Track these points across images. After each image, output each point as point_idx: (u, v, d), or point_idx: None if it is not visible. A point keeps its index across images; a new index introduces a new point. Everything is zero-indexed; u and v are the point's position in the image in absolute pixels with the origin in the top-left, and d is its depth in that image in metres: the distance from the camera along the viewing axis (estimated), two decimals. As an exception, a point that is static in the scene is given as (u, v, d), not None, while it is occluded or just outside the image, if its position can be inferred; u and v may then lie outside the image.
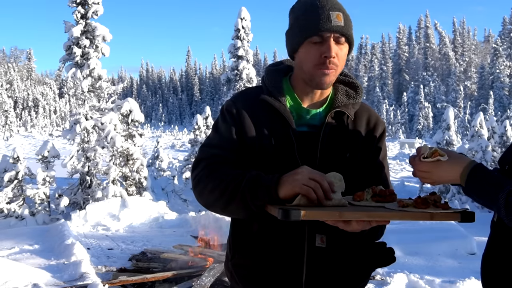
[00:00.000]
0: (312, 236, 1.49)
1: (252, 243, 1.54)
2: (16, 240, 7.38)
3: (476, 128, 14.86)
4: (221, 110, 1.63)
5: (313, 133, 1.54)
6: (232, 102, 1.61)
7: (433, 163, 1.39)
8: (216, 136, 1.57)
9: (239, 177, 1.40)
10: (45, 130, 67.47)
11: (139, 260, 6.03)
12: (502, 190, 1.21)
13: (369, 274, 1.68)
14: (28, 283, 4.93)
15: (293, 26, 1.53)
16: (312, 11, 1.47)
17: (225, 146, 1.53)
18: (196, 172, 1.52)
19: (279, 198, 1.33)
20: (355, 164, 1.56)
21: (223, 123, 1.58)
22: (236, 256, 1.59)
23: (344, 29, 1.47)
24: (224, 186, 1.40)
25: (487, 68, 67.18)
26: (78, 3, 11.70)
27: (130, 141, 11.86)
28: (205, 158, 1.52)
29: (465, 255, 6.43)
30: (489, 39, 79.01)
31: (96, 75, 11.77)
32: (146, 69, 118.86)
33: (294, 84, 1.60)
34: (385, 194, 1.39)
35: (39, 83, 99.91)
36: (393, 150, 41.98)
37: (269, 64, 1.73)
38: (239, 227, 1.59)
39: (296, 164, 1.46)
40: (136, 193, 11.57)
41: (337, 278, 1.55)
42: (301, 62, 1.52)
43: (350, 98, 1.62)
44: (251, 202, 1.36)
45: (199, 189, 1.49)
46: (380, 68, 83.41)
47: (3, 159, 10.94)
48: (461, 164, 1.36)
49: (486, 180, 1.28)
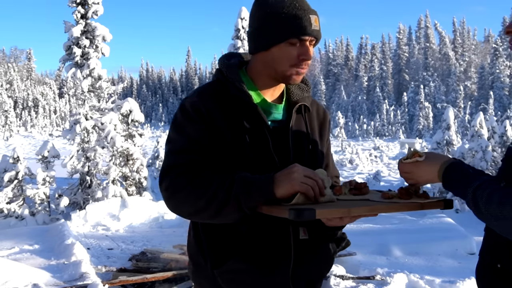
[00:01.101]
0: (296, 229, 1.52)
1: (242, 246, 1.48)
2: (16, 240, 7.38)
3: (476, 128, 14.86)
4: (184, 109, 1.50)
5: (282, 128, 1.56)
6: (198, 100, 1.50)
7: (413, 164, 1.45)
8: (183, 139, 1.45)
9: (226, 181, 1.35)
10: (45, 130, 67.49)
11: (139, 260, 6.03)
12: (470, 185, 1.27)
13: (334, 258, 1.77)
14: (28, 283, 4.93)
15: (268, 25, 1.49)
16: (295, 14, 1.47)
17: (197, 149, 1.44)
18: (168, 182, 1.41)
19: (275, 198, 1.33)
20: (316, 156, 1.63)
21: (190, 123, 1.47)
22: (222, 263, 1.49)
23: (319, 33, 1.52)
24: (212, 193, 1.35)
25: (487, 68, 67.19)
26: (78, 3, 11.71)
27: (130, 141, 11.87)
28: (177, 165, 1.41)
29: (465, 255, 6.43)
30: (489, 39, 78.98)
31: (96, 75, 11.78)
32: (146, 69, 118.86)
33: (254, 78, 1.58)
34: (361, 186, 1.48)
35: (39, 83, 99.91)
36: (393, 150, 41.96)
37: (222, 57, 1.64)
38: (220, 232, 1.49)
39: (273, 160, 1.48)
40: (136, 193, 11.58)
41: (318, 265, 1.61)
42: (273, 60, 1.51)
43: (304, 91, 1.65)
44: (245, 204, 1.33)
45: (177, 200, 1.40)
46: (380, 68, 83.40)
47: (3, 159, 10.94)
48: (437, 163, 1.41)
49: (459, 176, 1.34)
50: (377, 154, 33.70)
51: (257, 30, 1.52)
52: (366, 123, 68.40)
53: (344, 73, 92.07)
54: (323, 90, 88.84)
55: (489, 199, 1.21)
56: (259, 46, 1.53)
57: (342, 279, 5.24)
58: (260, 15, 1.52)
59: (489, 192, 1.22)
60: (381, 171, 24.27)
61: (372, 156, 31.80)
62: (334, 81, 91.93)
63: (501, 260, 1.36)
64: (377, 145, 42.62)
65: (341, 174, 18.73)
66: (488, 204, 1.21)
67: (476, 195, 1.24)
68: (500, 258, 1.37)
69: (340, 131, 54.66)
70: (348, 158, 29.72)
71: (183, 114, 1.49)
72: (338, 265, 5.60)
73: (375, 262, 6.04)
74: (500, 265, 1.37)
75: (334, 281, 5.17)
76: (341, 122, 56.82)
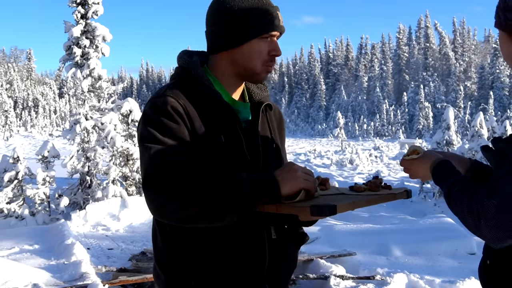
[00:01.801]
0: (268, 229, 1.52)
1: (217, 250, 1.44)
2: (16, 240, 7.38)
3: (476, 128, 14.87)
4: (163, 108, 1.40)
5: (251, 128, 1.56)
6: (174, 99, 1.42)
7: (410, 161, 1.55)
8: (168, 140, 1.36)
9: (228, 181, 1.31)
10: (45, 130, 67.51)
11: (139, 260, 6.03)
12: (447, 182, 1.35)
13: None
14: (28, 283, 4.92)
15: (238, 21, 1.46)
16: (266, 9, 1.47)
17: (183, 151, 1.36)
18: (159, 186, 1.30)
19: (279, 197, 1.34)
20: (279, 154, 1.65)
21: (173, 123, 1.39)
22: (198, 270, 1.44)
23: (284, 28, 1.54)
24: (215, 194, 1.29)
25: (487, 68, 67.21)
26: (78, 3, 11.70)
27: (130, 141, 11.87)
28: (167, 167, 1.32)
29: (465, 255, 6.42)
30: (489, 39, 78.97)
31: (96, 75, 11.78)
32: (146, 69, 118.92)
33: (218, 77, 1.55)
34: (325, 182, 1.57)
35: (39, 83, 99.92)
36: (393, 150, 41.95)
37: (183, 55, 1.57)
38: (194, 237, 1.43)
39: (246, 160, 1.48)
40: (136, 193, 11.57)
41: (288, 264, 1.62)
42: (242, 58, 1.48)
43: (263, 91, 1.66)
44: (252, 204, 1.32)
45: (175, 204, 1.30)
46: (380, 68, 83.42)
47: (3, 159, 10.94)
48: (429, 161, 1.49)
49: (443, 174, 1.42)
50: (377, 154, 33.72)
51: (223, 28, 1.48)
52: (366, 123, 68.42)
53: (344, 73, 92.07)
54: (323, 90, 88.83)
55: (456, 196, 1.29)
56: (226, 44, 1.48)
57: (342, 279, 5.23)
58: (226, 13, 1.47)
59: (457, 189, 1.30)
60: (381, 171, 24.28)
61: (372, 156, 31.80)
62: (334, 81, 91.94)
63: (490, 257, 1.42)
64: (377, 145, 42.64)
65: (341, 174, 18.73)
66: (454, 200, 1.29)
67: (450, 191, 1.32)
68: (489, 255, 1.43)
69: (340, 131, 54.63)
70: (348, 158, 29.71)
71: (162, 114, 1.40)
72: (338, 265, 5.60)
73: (375, 262, 6.04)
74: (489, 261, 1.42)
75: (334, 281, 5.17)
76: (341, 122, 56.78)
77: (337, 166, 27.89)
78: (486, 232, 1.20)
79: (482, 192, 1.22)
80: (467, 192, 1.25)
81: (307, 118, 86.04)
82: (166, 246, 1.49)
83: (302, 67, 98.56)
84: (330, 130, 67.26)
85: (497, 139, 1.40)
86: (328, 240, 7.05)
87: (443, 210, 13.34)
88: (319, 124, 78.28)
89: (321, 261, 5.74)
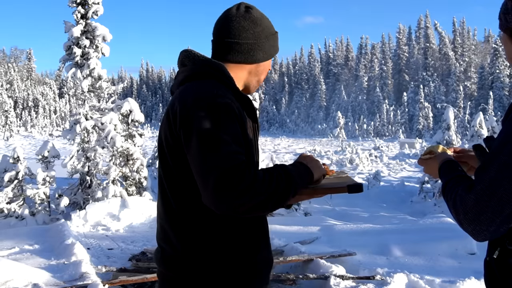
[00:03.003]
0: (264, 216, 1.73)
1: (225, 237, 1.59)
2: (16, 240, 7.38)
3: (476, 128, 14.87)
4: (222, 107, 1.50)
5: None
6: (228, 99, 1.53)
7: (424, 160, 1.70)
8: (232, 140, 1.46)
9: (280, 173, 1.49)
10: (45, 130, 67.53)
11: (139, 260, 6.03)
12: (445, 179, 1.44)
13: None
14: (28, 283, 4.92)
15: (265, 41, 1.70)
16: (276, 34, 1.76)
17: (242, 150, 1.49)
18: (233, 184, 1.39)
19: (311, 182, 1.59)
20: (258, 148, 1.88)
21: (231, 122, 1.49)
22: (233, 254, 1.59)
23: None
24: (275, 187, 1.45)
25: (487, 68, 67.23)
26: (78, 3, 11.71)
27: (130, 141, 11.87)
28: (237, 166, 1.41)
29: (465, 255, 6.41)
30: (489, 39, 78.99)
31: (96, 75, 11.78)
32: (146, 69, 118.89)
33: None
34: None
35: (39, 83, 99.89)
36: (393, 150, 41.97)
37: (198, 54, 1.68)
38: (226, 227, 1.58)
39: (256, 156, 1.70)
40: (136, 193, 11.57)
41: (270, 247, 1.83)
42: (260, 72, 1.74)
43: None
44: (294, 193, 1.50)
45: (246, 199, 1.40)
46: (380, 68, 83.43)
47: (3, 159, 10.95)
48: (437, 162, 1.59)
49: (444, 172, 1.51)
50: (377, 154, 33.73)
51: (255, 44, 1.68)
52: (366, 123, 68.43)
53: (344, 73, 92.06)
54: (323, 90, 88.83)
55: (447, 193, 1.37)
56: (255, 58, 1.69)
57: (342, 279, 5.23)
58: (257, 31, 1.68)
59: (450, 186, 1.38)
60: (381, 171, 24.29)
61: (372, 156, 31.82)
62: (334, 81, 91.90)
63: (488, 253, 1.47)
64: (377, 145, 42.66)
65: (341, 174, 18.76)
66: (445, 197, 1.37)
67: (444, 188, 1.41)
68: (487, 252, 1.48)
69: (340, 131, 54.68)
70: (348, 158, 29.73)
71: (223, 112, 1.49)
72: (338, 265, 5.60)
73: (375, 262, 6.03)
74: (488, 258, 1.47)
75: (334, 281, 5.17)
76: (341, 122, 56.83)
77: (337, 165, 27.91)
78: (466, 226, 1.26)
79: (463, 187, 1.29)
80: (456, 188, 1.33)
81: (307, 118, 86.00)
82: (183, 243, 1.59)
83: (302, 67, 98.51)
84: (330, 130, 67.27)
85: (489, 138, 1.47)
86: (328, 240, 7.05)
87: (443, 210, 13.35)
88: (319, 124, 78.23)
89: (321, 261, 5.74)
